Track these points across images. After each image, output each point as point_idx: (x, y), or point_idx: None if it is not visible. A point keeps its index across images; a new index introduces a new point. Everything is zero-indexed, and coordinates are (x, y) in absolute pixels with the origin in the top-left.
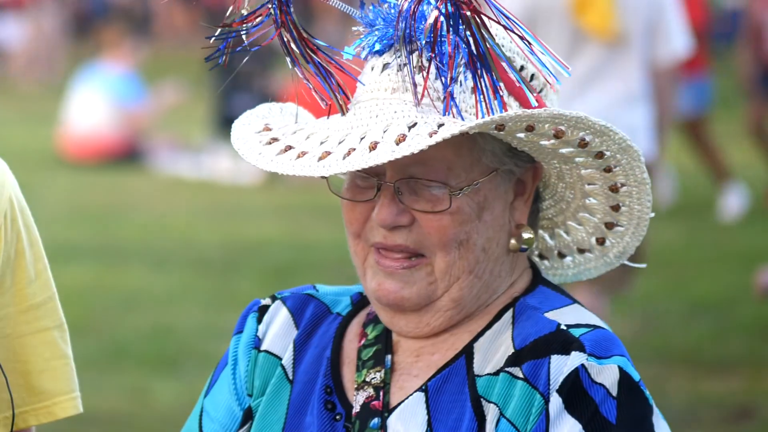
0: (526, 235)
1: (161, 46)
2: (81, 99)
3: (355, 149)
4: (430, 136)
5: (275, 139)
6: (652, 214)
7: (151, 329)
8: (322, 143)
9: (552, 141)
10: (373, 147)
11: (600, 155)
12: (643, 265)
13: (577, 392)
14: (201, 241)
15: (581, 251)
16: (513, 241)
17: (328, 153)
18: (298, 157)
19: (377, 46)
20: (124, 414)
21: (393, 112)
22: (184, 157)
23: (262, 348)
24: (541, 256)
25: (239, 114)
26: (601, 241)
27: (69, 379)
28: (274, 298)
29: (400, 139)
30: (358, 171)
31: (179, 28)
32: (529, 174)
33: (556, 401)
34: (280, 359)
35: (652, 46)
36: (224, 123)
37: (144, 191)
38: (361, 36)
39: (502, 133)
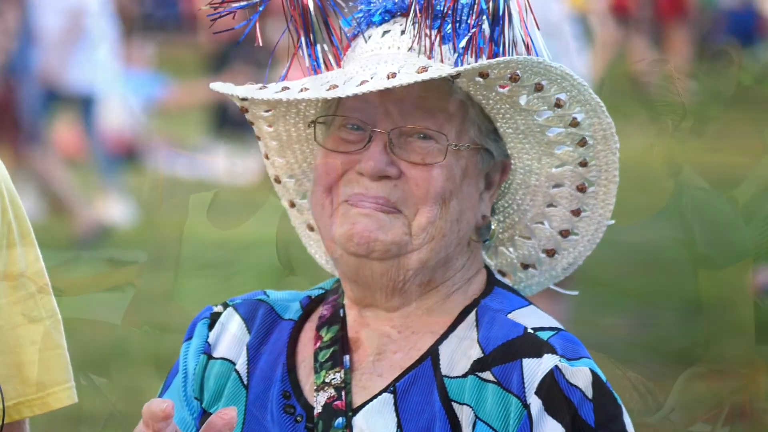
0: (493, 226)
1: (157, 45)
2: None
3: (367, 81)
4: (420, 72)
5: (265, 87)
6: (612, 221)
7: (146, 329)
8: (326, 82)
9: (533, 98)
10: (392, 76)
11: (583, 142)
12: (575, 293)
13: (554, 394)
14: (197, 241)
15: (525, 267)
16: (473, 236)
17: (335, 86)
18: (301, 91)
19: (376, 17)
20: (119, 413)
21: (404, 60)
22: (180, 156)
23: (215, 354)
24: None
25: (234, 114)
26: (551, 253)
27: (63, 369)
28: (225, 305)
29: (421, 70)
30: (348, 122)
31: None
32: (498, 169)
33: (536, 403)
34: (234, 364)
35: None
36: (220, 123)
37: (141, 190)
38: (357, 9)
39: (480, 80)
